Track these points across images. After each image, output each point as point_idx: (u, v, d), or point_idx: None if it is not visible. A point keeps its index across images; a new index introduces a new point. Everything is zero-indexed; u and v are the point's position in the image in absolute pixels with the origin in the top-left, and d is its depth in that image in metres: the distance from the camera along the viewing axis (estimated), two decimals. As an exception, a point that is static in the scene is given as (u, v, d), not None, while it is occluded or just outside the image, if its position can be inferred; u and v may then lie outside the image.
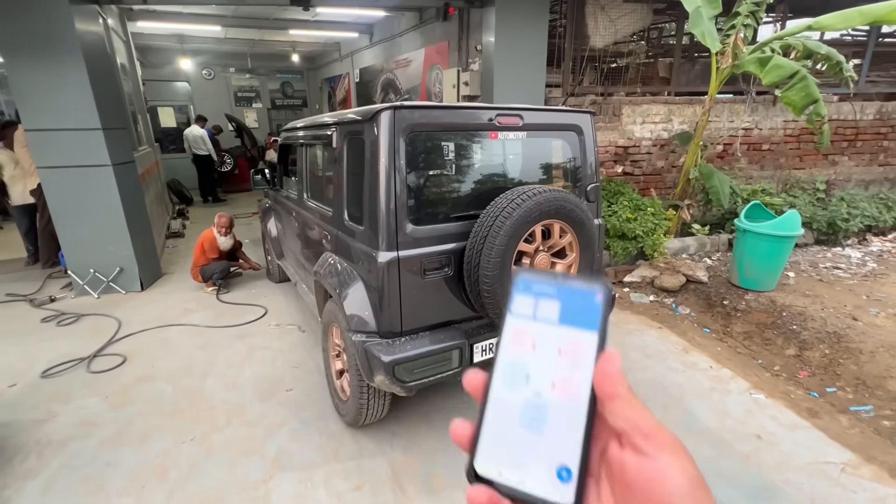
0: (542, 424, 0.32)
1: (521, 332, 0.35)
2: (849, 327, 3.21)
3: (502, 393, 0.34)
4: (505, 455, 0.32)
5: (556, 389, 0.33)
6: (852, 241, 5.21)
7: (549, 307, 0.34)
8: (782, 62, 3.65)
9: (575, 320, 0.34)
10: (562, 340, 0.33)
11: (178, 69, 10.19)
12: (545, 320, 0.34)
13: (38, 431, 2.37)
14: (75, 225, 3.97)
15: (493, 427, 0.33)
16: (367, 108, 1.99)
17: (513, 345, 0.35)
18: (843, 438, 2.32)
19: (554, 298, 0.34)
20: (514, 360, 0.34)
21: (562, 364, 0.33)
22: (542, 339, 0.34)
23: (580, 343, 0.33)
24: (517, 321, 0.35)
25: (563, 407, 0.32)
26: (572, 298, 0.34)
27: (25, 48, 3.48)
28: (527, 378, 0.33)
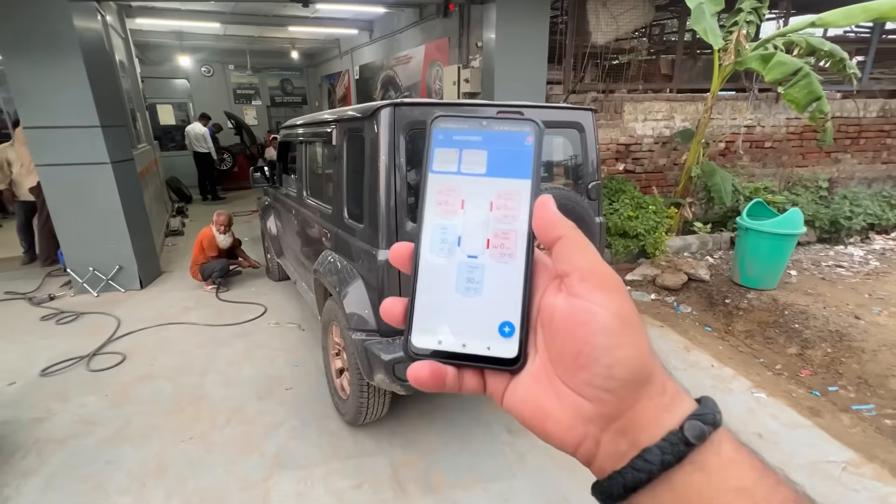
0: (480, 286, 0.31)
1: (447, 191, 0.32)
2: (851, 326, 3.20)
3: (433, 260, 0.31)
4: (443, 323, 0.31)
5: (492, 247, 0.31)
6: (855, 240, 5.19)
7: (476, 158, 0.32)
8: (785, 59, 3.63)
9: (505, 169, 0.31)
10: (493, 193, 0.31)
11: (177, 66, 10.16)
12: (472, 173, 0.32)
13: (38, 429, 2.36)
14: (74, 223, 3.96)
15: (427, 298, 0.31)
16: (367, 105, 1.97)
17: (438, 206, 0.32)
18: (845, 437, 2.31)
19: (480, 147, 0.32)
20: (442, 223, 0.32)
21: (495, 219, 0.31)
22: (471, 194, 0.31)
23: (513, 194, 0.31)
24: (440, 179, 0.32)
25: (501, 264, 0.30)
26: (500, 145, 0.31)
27: (24, 45, 3.46)
28: (458, 240, 0.31)
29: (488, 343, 0.30)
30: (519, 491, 1.98)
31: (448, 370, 0.30)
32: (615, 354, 0.26)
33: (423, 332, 0.31)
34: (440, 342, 0.30)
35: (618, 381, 0.26)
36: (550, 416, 0.28)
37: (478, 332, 0.30)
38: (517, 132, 0.31)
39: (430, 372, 0.30)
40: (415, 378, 0.30)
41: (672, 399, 0.27)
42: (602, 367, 0.26)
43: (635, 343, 0.27)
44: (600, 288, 0.27)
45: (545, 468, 2.10)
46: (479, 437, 2.30)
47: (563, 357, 0.28)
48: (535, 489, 1.99)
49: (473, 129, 0.32)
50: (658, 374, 0.28)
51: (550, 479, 2.04)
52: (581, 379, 0.27)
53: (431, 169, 0.32)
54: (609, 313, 0.26)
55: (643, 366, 0.27)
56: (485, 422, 2.41)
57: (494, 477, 2.05)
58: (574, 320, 0.27)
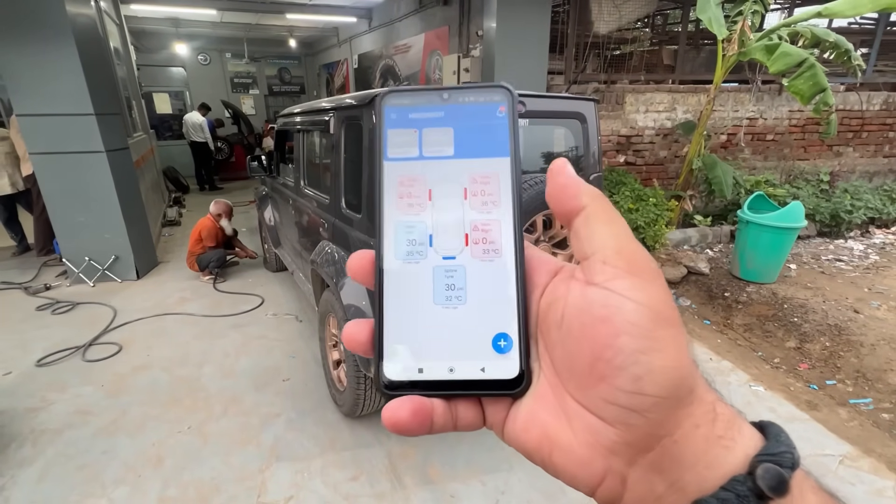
0: (463, 293, 0.25)
1: (408, 180, 0.26)
2: (850, 320, 3.19)
3: (400, 268, 0.26)
4: (421, 345, 0.25)
5: (472, 243, 0.25)
6: (855, 234, 5.18)
7: (440, 137, 0.26)
8: (790, 50, 3.57)
9: (478, 147, 0.26)
10: (465, 178, 0.26)
11: (174, 54, 10.02)
12: (438, 156, 0.26)
13: (34, 420, 2.35)
14: (69, 212, 3.91)
15: (397, 316, 0.25)
16: (365, 93, 1.93)
17: (400, 200, 0.26)
18: (842, 431, 2.32)
19: (444, 124, 0.26)
20: (407, 220, 0.26)
21: (472, 209, 0.26)
22: (439, 181, 0.26)
23: (491, 176, 0.25)
24: (398, 167, 0.26)
25: (486, 263, 0.25)
26: (468, 119, 0.26)
27: (15, 31, 3.38)
28: (429, 239, 0.26)
29: (481, 363, 0.24)
30: (516, 484, 1.98)
31: (435, 405, 0.24)
32: (646, 361, 0.20)
33: (398, 359, 0.25)
34: (421, 370, 0.25)
35: (650, 399, 0.20)
36: (558, 444, 0.22)
37: (467, 351, 0.25)
38: (486, 102, 0.26)
39: (411, 411, 0.23)
40: (392, 422, 0.23)
41: (727, 427, 0.21)
42: (628, 379, 0.20)
43: (674, 347, 0.20)
44: (628, 273, 0.21)
45: (542, 460, 2.10)
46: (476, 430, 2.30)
47: (575, 366, 0.22)
48: (531, 482, 1.99)
49: (433, 103, 0.27)
50: (703, 391, 0.21)
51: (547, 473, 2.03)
52: (600, 395, 0.21)
53: (386, 156, 0.27)
54: (639, 306, 0.20)
55: (683, 378, 0.20)
56: (482, 414, 2.40)
57: (491, 469, 2.05)
58: (591, 316, 0.21)
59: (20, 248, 4.87)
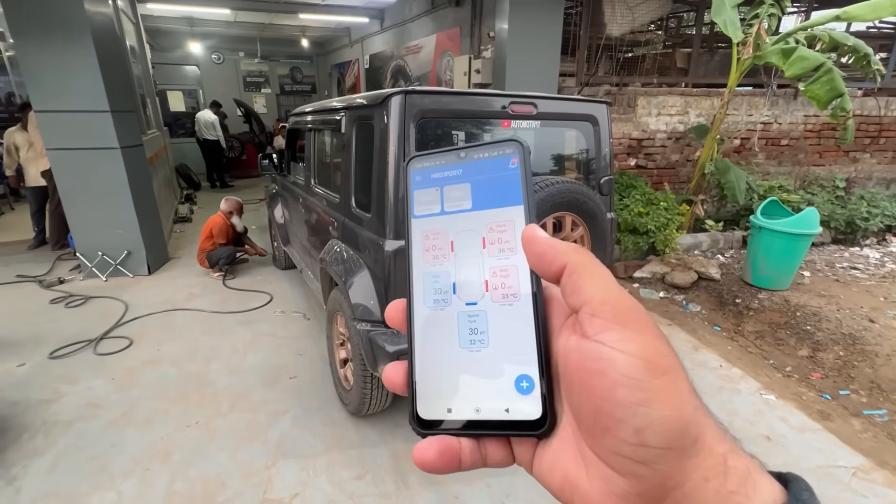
0: (486, 336, 0.27)
1: (433, 234, 0.29)
2: (865, 329, 3.13)
3: (428, 314, 0.28)
4: (450, 387, 0.27)
5: (492, 289, 0.27)
6: (871, 241, 5.08)
7: (459, 193, 0.29)
8: (807, 54, 3.52)
9: (493, 199, 0.28)
10: (483, 228, 0.28)
11: (188, 53, 10.15)
12: (457, 210, 0.29)
13: (46, 411, 2.39)
14: (84, 207, 3.98)
15: (427, 360, 0.27)
16: (377, 93, 1.93)
17: (426, 253, 0.29)
18: (856, 442, 2.27)
19: (462, 181, 0.29)
20: (433, 271, 0.28)
21: (490, 256, 0.28)
22: (460, 233, 0.28)
23: (506, 224, 0.27)
24: (424, 223, 0.29)
25: (506, 307, 0.27)
26: (483, 173, 0.28)
27: (35, 29, 3.45)
28: (453, 287, 0.28)
29: (506, 404, 0.25)
30: (521, 487, 1.97)
31: (463, 445, 0.25)
32: (645, 413, 0.20)
33: (429, 399, 0.27)
34: (449, 410, 0.26)
35: (653, 450, 0.20)
36: (578, 489, 0.22)
37: (491, 393, 0.26)
38: (499, 156, 0.28)
39: (438, 452, 0.24)
40: (420, 461, 0.24)
41: (741, 482, 0.20)
42: (630, 431, 0.20)
43: (671, 397, 0.20)
44: (616, 323, 0.21)
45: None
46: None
47: (583, 416, 0.22)
48: (536, 485, 1.96)
49: (451, 163, 0.29)
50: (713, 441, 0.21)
51: (553, 476, 2.02)
52: (607, 445, 0.21)
53: (413, 214, 0.30)
54: (631, 357, 0.20)
55: (684, 428, 0.20)
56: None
57: (496, 472, 2.04)
58: (587, 370, 0.22)
59: (36, 242, 4.96)
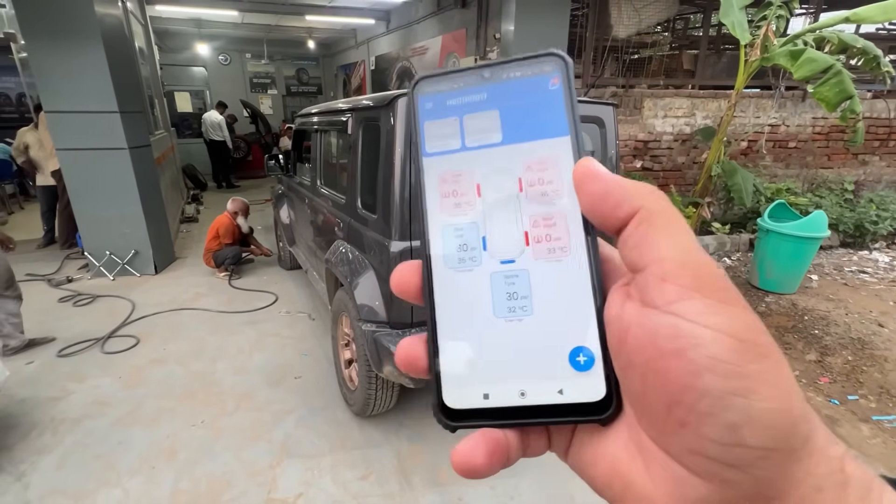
0: (528, 301, 0.21)
1: (452, 177, 0.23)
2: (874, 334, 3.10)
3: (452, 278, 0.22)
4: (485, 367, 0.22)
5: (534, 241, 0.22)
6: (880, 245, 5.02)
7: (484, 122, 0.23)
8: (816, 56, 3.49)
9: (530, 129, 0.22)
10: (519, 166, 0.22)
11: (196, 54, 10.23)
12: (484, 144, 0.23)
13: (54, 409, 2.41)
14: (92, 207, 4.02)
15: (455, 335, 0.22)
16: (384, 95, 1.94)
17: (444, 199, 0.23)
18: (865, 448, 2.24)
19: (487, 107, 0.23)
20: (455, 223, 0.23)
21: (530, 201, 0.22)
22: (488, 174, 0.22)
23: (548, 160, 0.22)
24: (439, 161, 0.23)
25: (553, 263, 0.21)
26: (516, 98, 0.22)
27: (46, 31, 3.49)
28: (482, 242, 0.22)
29: (558, 384, 0.21)
30: (525, 490, 1.96)
31: (510, 440, 0.20)
32: (743, 405, 0.15)
33: (459, 384, 0.22)
34: (486, 395, 0.21)
35: (753, 451, 0.16)
36: (634, 488, 0.18)
37: (540, 371, 0.21)
38: (536, 75, 0.22)
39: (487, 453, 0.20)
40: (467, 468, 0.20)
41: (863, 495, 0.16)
42: (721, 428, 0.16)
43: (774, 385, 0.16)
44: (698, 292, 0.17)
45: (552, 467, 2.08)
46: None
47: (648, 405, 0.18)
48: (541, 488, 1.97)
49: (473, 85, 0.23)
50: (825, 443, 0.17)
51: (557, 479, 2.01)
52: (683, 443, 0.17)
53: (424, 152, 0.23)
54: (720, 335, 0.16)
55: (794, 423, 0.16)
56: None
57: (501, 474, 2.02)
58: (657, 348, 0.17)
59: (45, 241, 5.02)
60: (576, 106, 0.22)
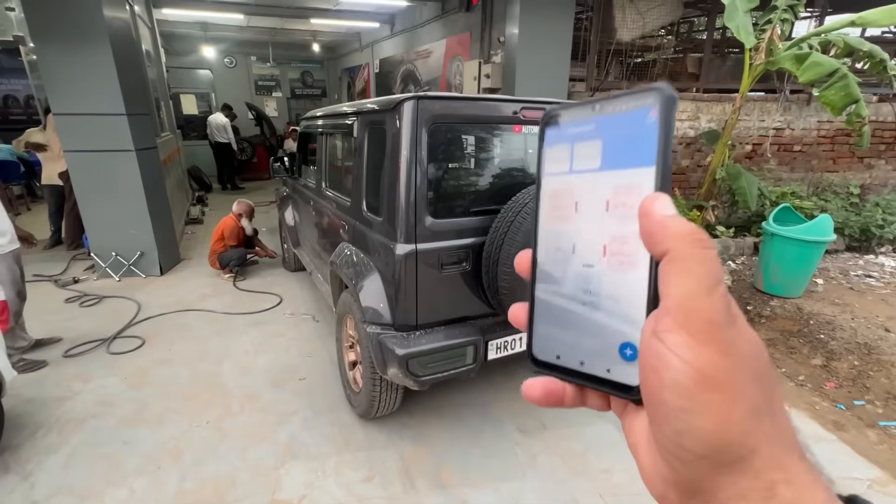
0: (598, 299, 0.27)
1: (559, 193, 0.29)
2: (880, 339, 3.08)
3: (548, 269, 0.30)
4: (560, 337, 0.29)
5: (609, 254, 0.27)
6: (886, 249, 4.99)
7: (589, 151, 0.28)
8: (821, 59, 3.48)
9: (623, 158, 0.26)
10: (608, 190, 0.27)
11: (201, 57, 10.31)
12: (585, 169, 0.28)
13: (60, 409, 2.43)
14: (99, 208, 4.05)
15: (544, 308, 0.30)
16: (390, 98, 1.95)
17: (553, 211, 0.29)
18: (871, 454, 2.23)
19: (593, 137, 0.27)
20: (556, 229, 0.29)
21: (611, 221, 0.27)
22: (585, 194, 0.28)
23: (632, 188, 0.26)
24: (553, 181, 0.29)
25: (620, 273, 0.26)
26: (617, 129, 0.26)
27: (54, 33, 3.53)
28: (573, 247, 0.28)
29: (608, 365, 0.27)
30: (529, 493, 1.96)
31: (567, 390, 0.28)
32: (685, 420, 0.21)
33: (542, 343, 0.30)
34: (558, 357, 0.29)
35: (689, 453, 0.21)
36: (638, 456, 0.25)
37: (596, 352, 0.27)
38: (635, 109, 0.26)
39: (542, 391, 0.28)
40: (529, 396, 0.29)
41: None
42: (671, 431, 0.21)
43: (717, 413, 0.20)
44: (683, 328, 0.21)
45: (556, 470, 2.07)
46: (490, 436, 2.28)
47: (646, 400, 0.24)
48: (545, 491, 1.97)
49: (585, 117, 0.28)
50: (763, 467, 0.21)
51: (561, 481, 2.01)
52: (657, 432, 0.23)
53: (543, 171, 0.30)
54: (684, 366, 0.21)
55: (725, 445, 0.20)
56: (495, 420, 2.39)
57: (505, 477, 2.03)
58: (645, 364, 0.23)
59: (51, 241, 5.05)
60: (669, 139, 0.25)
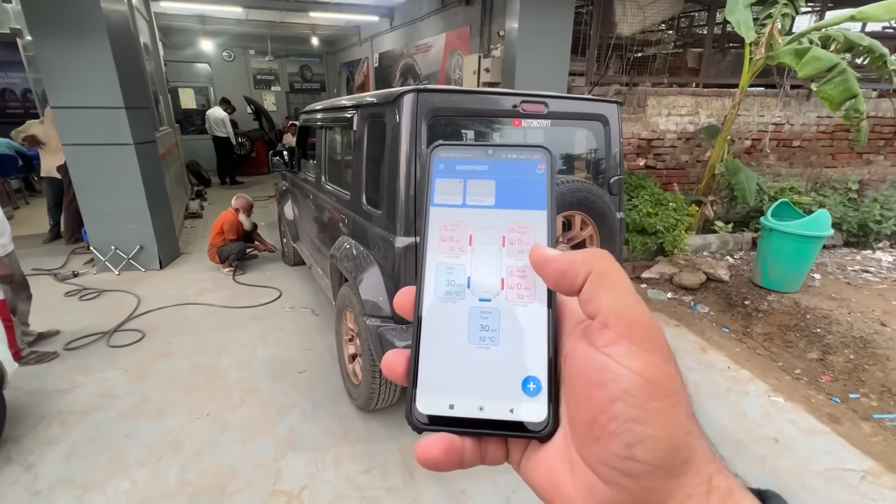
0: (497, 335, 0.26)
1: (451, 225, 0.28)
2: (876, 333, 3.10)
3: (439, 306, 0.27)
4: (454, 382, 0.26)
5: (508, 288, 0.27)
6: (884, 244, 5.01)
7: (483, 188, 0.29)
8: (821, 54, 3.48)
9: (517, 200, 0.28)
10: (504, 226, 0.28)
11: (200, 50, 10.25)
12: (480, 205, 0.28)
13: (61, 401, 2.44)
14: (98, 202, 4.04)
15: (433, 352, 0.27)
16: (390, 91, 1.95)
17: (443, 243, 0.28)
18: (865, 446, 2.25)
19: (487, 177, 0.29)
20: (448, 262, 0.28)
21: (509, 255, 0.27)
22: (480, 228, 0.28)
23: (528, 227, 0.28)
24: (443, 212, 0.29)
25: (519, 307, 0.26)
26: (510, 174, 0.29)
27: (52, 26, 3.51)
28: (468, 281, 0.27)
29: (510, 404, 0.25)
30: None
31: (466, 444, 0.25)
32: (639, 430, 0.20)
33: (431, 393, 0.26)
34: (452, 406, 0.26)
35: (641, 466, 0.20)
36: (560, 490, 0.23)
37: (497, 392, 0.26)
38: (527, 160, 0.29)
39: (442, 450, 0.24)
40: (424, 458, 0.24)
41: (723, 501, 0.21)
42: (621, 444, 0.21)
43: (667, 418, 0.21)
44: (626, 338, 0.21)
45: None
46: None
47: (577, 422, 0.23)
48: (543, 482, 1.99)
49: (478, 157, 0.29)
50: (701, 462, 0.21)
51: None
52: (596, 454, 0.22)
53: (433, 202, 0.29)
54: (634, 376, 0.21)
55: (675, 449, 0.21)
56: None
57: (503, 468, 2.01)
58: (590, 378, 0.22)
59: (51, 235, 5.05)
60: (554, 189, 0.29)
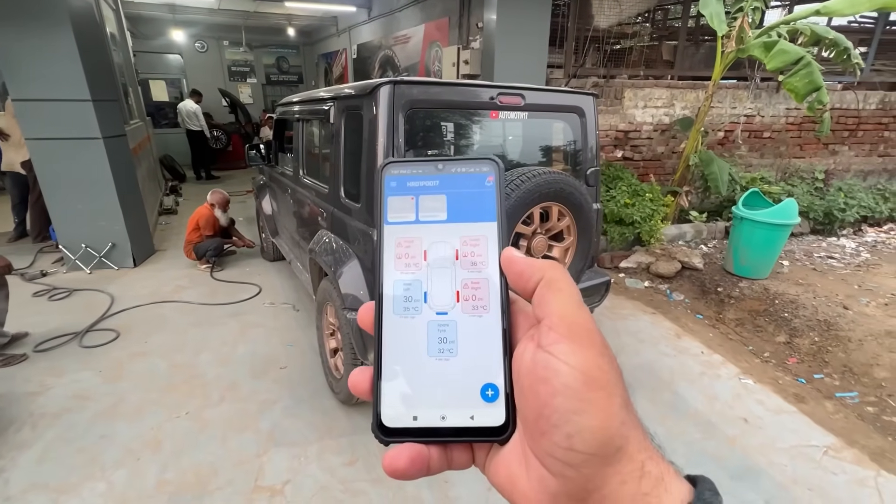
0: (455, 346, 0.27)
1: (406, 242, 0.29)
2: (839, 316, 3.25)
3: (398, 322, 0.28)
4: (416, 394, 0.27)
5: (463, 300, 0.28)
6: (848, 232, 5.24)
7: (434, 203, 0.29)
8: (788, 47, 3.59)
9: (468, 213, 0.29)
10: (456, 240, 0.29)
11: (171, 41, 9.90)
12: (432, 220, 0.29)
13: (32, 404, 2.37)
14: (66, 199, 3.90)
15: (394, 366, 0.28)
16: (366, 83, 1.93)
17: (398, 260, 0.29)
18: (828, 423, 2.38)
19: (438, 192, 0.30)
20: (404, 278, 0.29)
21: (462, 268, 0.28)
22: (434, 243, 0.29)
23: (479, 239, 0.29)
24: (397, 229, 0.30)
25: (475, 318, 0.28)
26: (460, 187, 0.29)
27: (11, 13, 3.34)
28: (424, 296, 0.28)
29: (471, 411, 0.27)
30: (509, 469, 2.02)
31: (431, 453, 0.26)
32: (576, 421, 0.22)
33: (395, 407, 0.27)
34: (415, 417, 0.27)
35: (580, 455, 0.22)
36: (518, 487, 0.25)
37: (458, 400, 0.27)
38: (476, 173, 0.29)
39: (409, 459, 0.25)
40: (392, 469, 0.25)
41: (654, 485, 0.23)
42: (562, 436, 0.22)
43: (602, 409, 0.22)
44: (567, 338, 0.23)
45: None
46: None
47: (527, 419, 0.25)
48: (524, 468, 2.03)
49: (428, 173, 0.30)
50: (634, 450, 0.23)
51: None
52: (543, 447, 0.23)
53: (386, 220, 0.30)
54: (572, 370, 0.23)
55: (609, 438, 0.22)
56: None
57: (485, 456, 2.09)
58: (535, 376, 0.24)
59: (16, 234, 4.85)
60: (503, 200, 0.29)
